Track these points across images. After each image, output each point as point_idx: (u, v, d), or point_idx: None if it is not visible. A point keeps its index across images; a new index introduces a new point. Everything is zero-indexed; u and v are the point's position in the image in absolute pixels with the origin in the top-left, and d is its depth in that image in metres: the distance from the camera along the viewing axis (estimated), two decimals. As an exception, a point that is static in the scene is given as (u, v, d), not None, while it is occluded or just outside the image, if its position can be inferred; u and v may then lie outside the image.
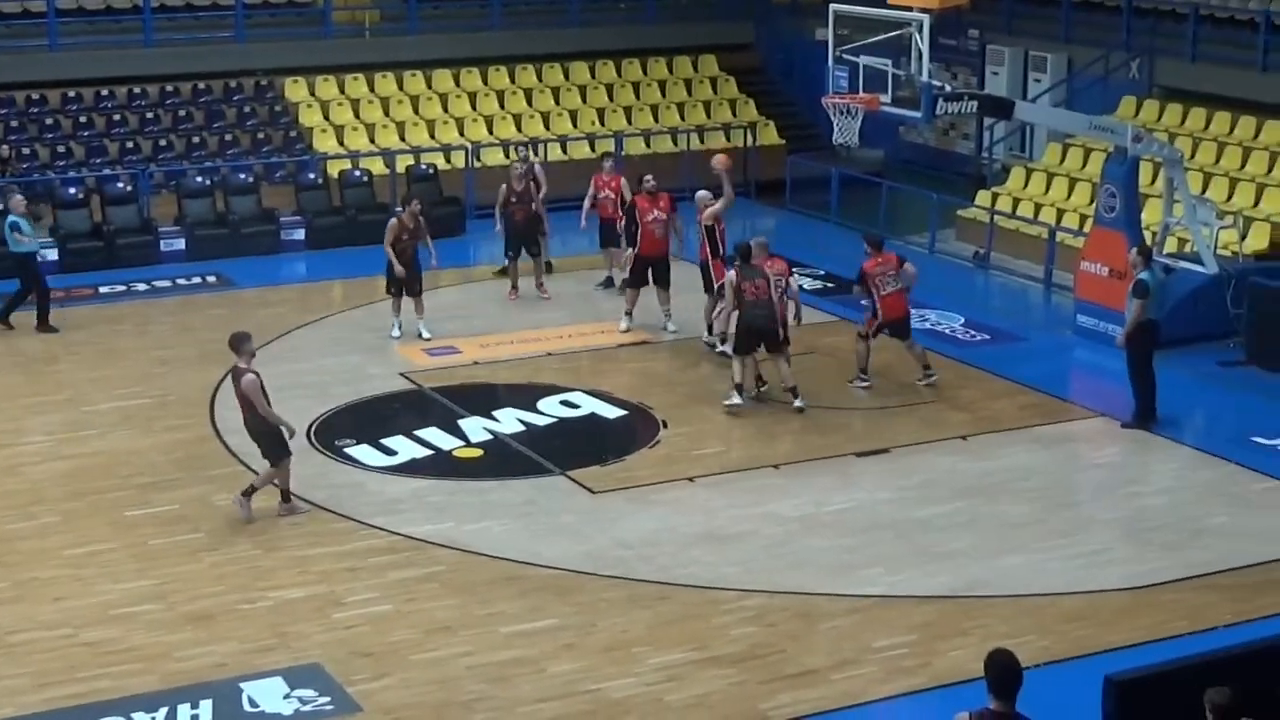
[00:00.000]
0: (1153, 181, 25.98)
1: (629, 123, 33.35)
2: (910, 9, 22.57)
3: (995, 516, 17.32)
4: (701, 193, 23.43)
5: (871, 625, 14.87)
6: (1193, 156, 27.36)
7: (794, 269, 21.62)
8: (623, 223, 24.40)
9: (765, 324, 20.11)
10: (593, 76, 34.21)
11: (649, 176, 24.00)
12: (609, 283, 25.69)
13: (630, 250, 23.58)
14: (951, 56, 32.85)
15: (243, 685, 13.78)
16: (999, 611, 15.14)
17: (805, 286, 25.74)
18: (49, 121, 30.46)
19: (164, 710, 13.39)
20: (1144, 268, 19.56)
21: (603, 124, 33.17)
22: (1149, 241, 23.53)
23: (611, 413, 20.41)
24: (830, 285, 25.93)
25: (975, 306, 25.07)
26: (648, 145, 32.89)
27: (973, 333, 23.65)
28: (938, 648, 14.41)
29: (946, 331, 23.66)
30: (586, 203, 25.59)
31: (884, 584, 15.68)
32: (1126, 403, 20.02)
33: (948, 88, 24.12)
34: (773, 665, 14.14)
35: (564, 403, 20.68)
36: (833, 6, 23.37)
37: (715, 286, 21.95)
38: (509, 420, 20.03)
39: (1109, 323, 22.56)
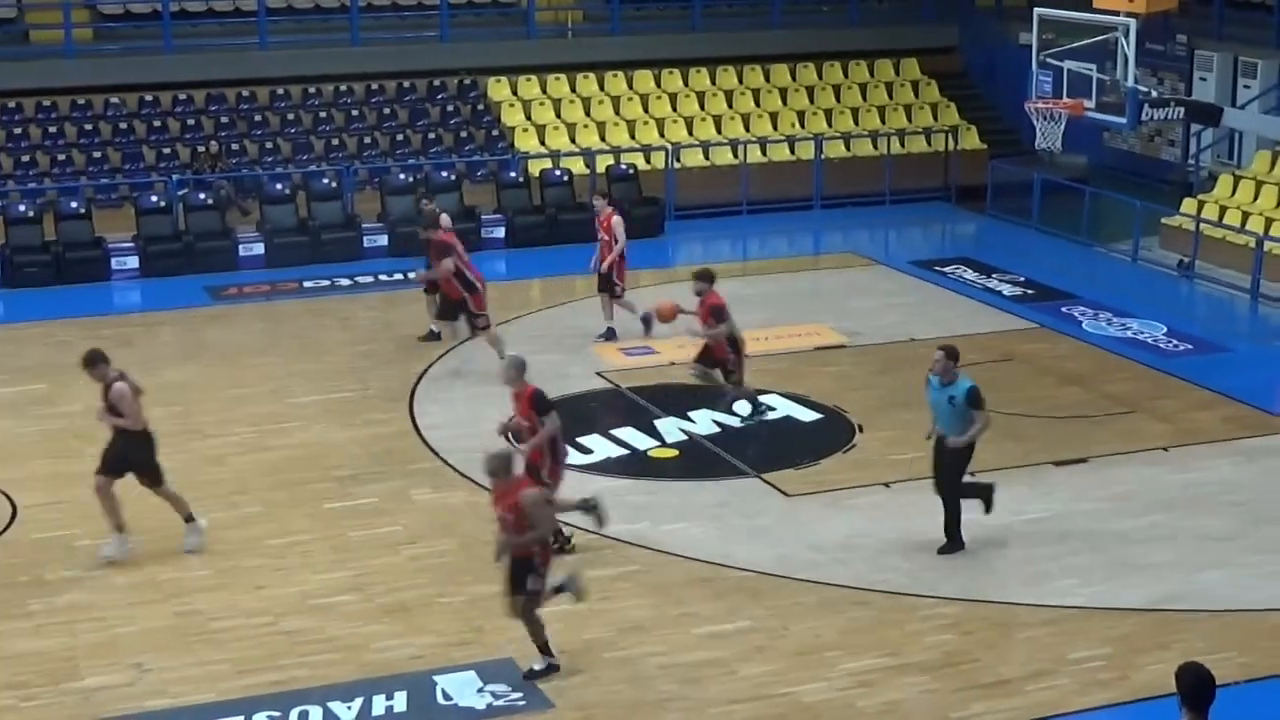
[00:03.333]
0: (1367, 190, 25.34)
1: (829, 125, 33.21)
2: (1116, 13, 22.22)
3: (1196, 530, 16.98)
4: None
5: (1068, 636, 14.66)
6: None
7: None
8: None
9: None
10: (793, 79, 34.10)
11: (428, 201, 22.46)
12: (611, 334, 23.33)
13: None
14: (1158, 61, 32.26)
15: (437, 678, 13.94)
16: (1199, 626, 14.84)
17: (1005, 293, 25.54)
18: (258, 118, 31.08)
19: (359, 701, 13.58)
20: (956, 372, 16.06)
21: (802, 126, 33.06)
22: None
23: (807, 416, 20.34)
24: (1030, 292, 25.62)
25: (1179, 316, 24.61)
26: (847, 148, 32.73)
27: (1176, 342, 23.20)
28: (1136, 661, 14.16)
29: (1149, 341, 23.24)
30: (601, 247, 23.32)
31: (1081, 595, 15.44)
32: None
33: (1154, 93, 23.74)
34: (967, 674, 14.00)
35: (760, 405, 20.66)
36: (1037, 10, 23.10)
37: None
38: (704, 421, 20.05)
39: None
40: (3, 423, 20.15)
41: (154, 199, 28.23)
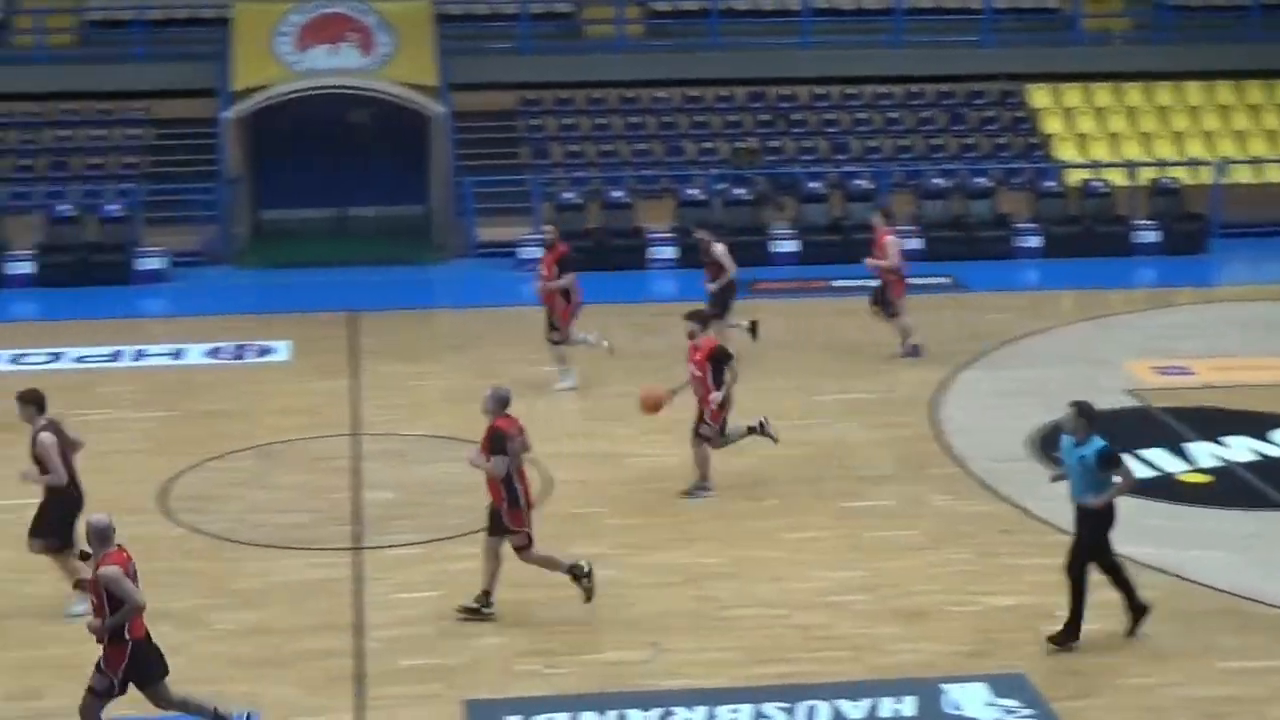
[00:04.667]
0: None
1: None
2: None
3: None
4: None
5: None
6: None
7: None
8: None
9: None
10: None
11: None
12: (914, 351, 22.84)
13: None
14: None
15: (945, 687, 13.76)
16: None
17: None
18: (796, 117, 31.44)
19: (867, 701, 13.51)
20: (1088, 431, 14.18)
21: (1363, 146, 31.49)
22: None
23: (1357, 450, 19.33)
24: None
25: None
26: None
27: None
28: None
29: None
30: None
31: None
32: None
33: None
34: None
35: (1300, 435, 19.75)
36: None
37: None
38: (1240, 448, 19.25)
39: None
40: (548, 400, 20.92)
41: (693, 192, 28.87)
